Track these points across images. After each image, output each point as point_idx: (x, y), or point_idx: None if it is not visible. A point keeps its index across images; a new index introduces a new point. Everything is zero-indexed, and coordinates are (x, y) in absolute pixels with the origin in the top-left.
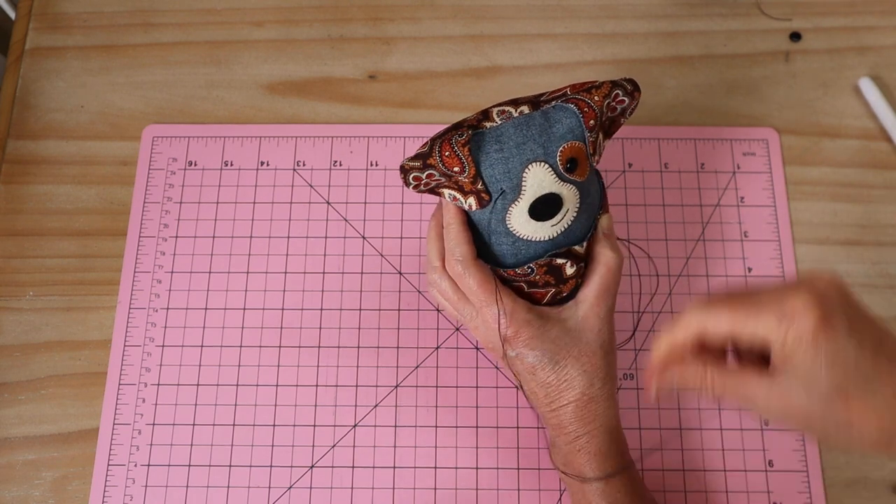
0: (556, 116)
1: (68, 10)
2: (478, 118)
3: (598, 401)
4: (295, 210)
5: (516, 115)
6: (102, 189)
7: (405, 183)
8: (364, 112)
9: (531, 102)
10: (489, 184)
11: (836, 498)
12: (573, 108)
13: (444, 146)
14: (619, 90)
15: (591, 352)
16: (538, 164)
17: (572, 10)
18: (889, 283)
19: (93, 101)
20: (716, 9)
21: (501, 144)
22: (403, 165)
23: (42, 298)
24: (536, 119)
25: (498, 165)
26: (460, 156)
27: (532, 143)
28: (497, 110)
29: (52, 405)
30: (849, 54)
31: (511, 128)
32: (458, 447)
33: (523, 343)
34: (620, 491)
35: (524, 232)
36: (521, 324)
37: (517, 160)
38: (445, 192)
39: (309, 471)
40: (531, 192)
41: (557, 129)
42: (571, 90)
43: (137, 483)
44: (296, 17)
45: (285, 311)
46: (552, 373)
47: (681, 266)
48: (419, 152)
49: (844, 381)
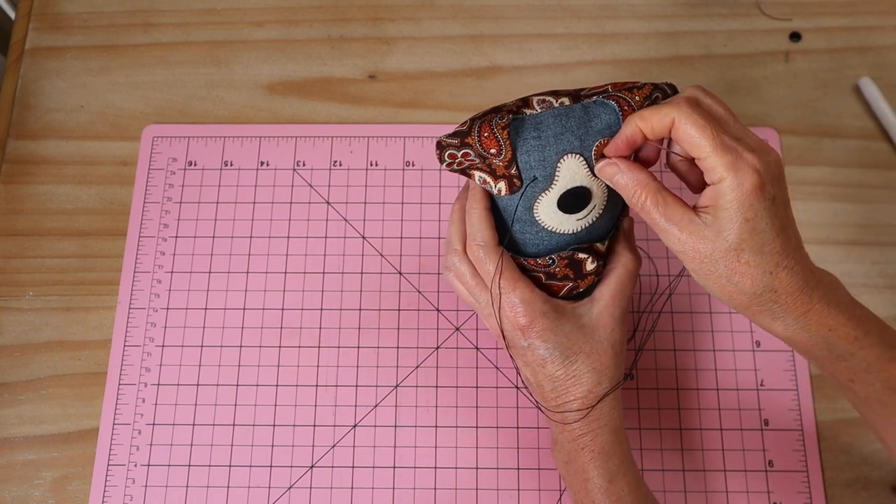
0: (596, 111)
1: (68, 10)
2: (517, 105)
3: (604, 400)
4: (295, 210)
5: (556, 105)
6: (102, 189)
7: (440, 159)
8: (364, 112)
9: (571, 95)
10: (523, 170)
11: (836, 498)
12: (613, 106)
13: (483, 127)
14: (660, 93)
15: (601, 350)
16: (573, 155)
17: (572, 10)
18: (889, 283)
19: (93, 101)
20: (716, 9)
21: (540, 132)
22: (441, 141)
23: (42, 298)
24: (577, 111)
25: (534, 152)
26: (499, 138)
27: (570, 135)
28: (538, 99)
29: (52, 405)
30: (849, 54)
31: (551, 117)
32: (458, 447)
33: (537, 334)
34: (624, 489)
35: (550, 223)
36: (537, 314)
37: (553, 149)
38: (476, 174)
39: (309, 471)
40: (563, 183)
41: (596, 123)
42: (613, 87)
43: (137, 483)
44: (296, 17)
45: (285, 311)
46: (561, 367)
47: (681, 266)
48: (458, 130)
49: (748, 240)
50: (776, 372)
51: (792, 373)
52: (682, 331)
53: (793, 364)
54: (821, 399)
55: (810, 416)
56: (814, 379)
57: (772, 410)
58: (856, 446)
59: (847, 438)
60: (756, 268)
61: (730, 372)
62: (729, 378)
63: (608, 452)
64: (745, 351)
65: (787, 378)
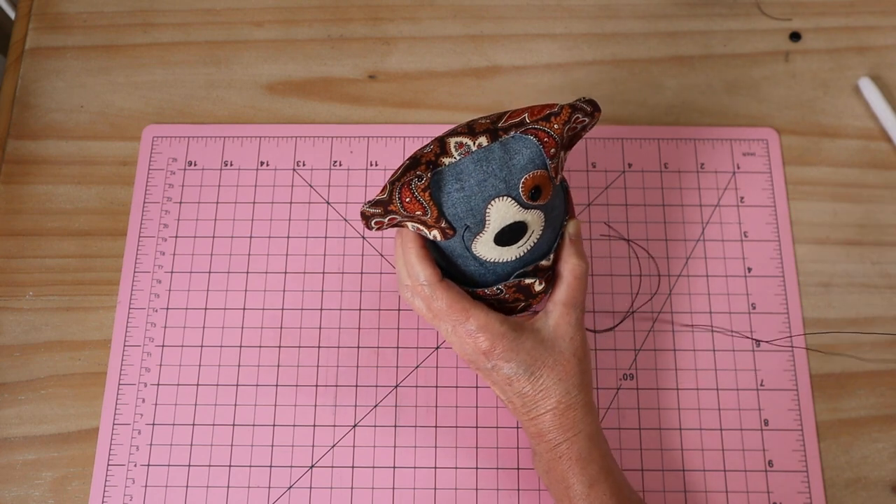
0: (516, 147)
1: (68, 10)
2: (435, 152)
3: (576, 408)
4: (295, 210)
5: (475, 148)
6: (102, 189)
7: (367, 227)
8: (364, 112)
9: (489, 132)
10: (453, 221)
11: (836, 498)
12: (532, 140)
13: (403, 192)
14: (579, 113)
15: (564, 360)
16: (501, 198)
17: (572, 10)
18: (889, 283)
19: (93, 101)
20: (716, 9)
21: (462, 183)
22: (364, 212)
23: (42, 298)
24: (496, 152)
25: (460, 204)
26: (421, 201)
27: (493, 179)
28: (455, 142)
29: (52, 405)
30: (849, 54)
31: (471, 164)
32: (458, 447)
33: (498, 356)
34: (606, 493)
35: (490, 256)
36: (496, 337)
37: (479, 197)
38: (409, 224)
39: (309, 471)
40: (495, 225)
41: (518, 160)
42: (530, 116)
43: (137, 483)
44: (296, 17)
45: (285, 311)
46: (528, 383)
47: (681, 266)
48: (378, 199)
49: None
50: (776, 372)
51: (792, 373)
52: (682, 331)
53: (793, 364)
54: (821, 399)
55: (810, 416)
56: (814, 379)
57: (772, 410)
58: (856, 446)
59: (847, 438)
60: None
61: (730, 372)
62: (729, 378)
63: (586, 459)
64: (745, 351)
65: (787, 378)
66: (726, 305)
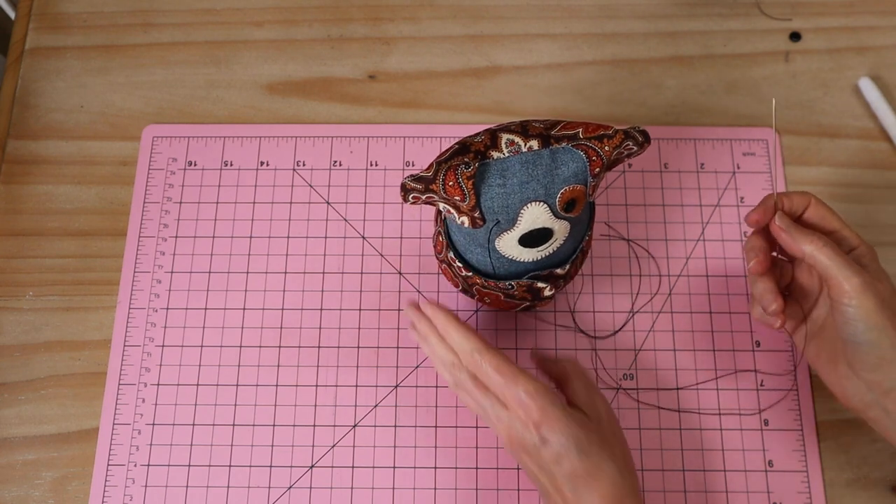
0: (564, 159)
1: (68, 10)
2: (486, 143)
3: (630, 496)
4: (295, 210)
5: (525, 149)
6: (102, 189)
7: (403, 199)
8: (364, 112)
9: (541, 137)
10: (486, 213)
11: (836, 498)
12: (582, 156)
13: (448, 175)
14: (630, 141)
15: (611, 434)
16: (537, 203)
17: (572, 10)
18: None
19: (93, 101)
20: (716, 9)
21: (505, 179)
22: (405, 184)
23: (42, 298)
24: (545, 158)
25: (498, 199)
26: (463, 188)
27: (535, 183)
28: (506, 139)
29: (52, 405)
30: (849, 54)
31: (518, 164)
32: (458, 447)
33: (549, 426)
34: None
35: (510, 253)
36: (547, 405)
37: (517, 197)
38: (441, 205)
39: (309, 471)
40: (525, 226)
41: (563, 171)
42: (584, 133)
43: (137, 483)
44: (296, 17)
45: (285, 311)
46: (578, 461)
47: (681, 266)
48: (422, 175)
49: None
50: (776, 372)
51: (792, 373)
52: (682, 331)
53: (793, 364)
54: (821, 399)
55: (810, 416)
56: (814, 379)
57: (772, 411)
58: (856, 446)
59: (847, 438)
60: None
61: (730, 372)
62: (729, 378)
63: None
64: (745, 351)
65: (787, 378)
66: (726, 305)
